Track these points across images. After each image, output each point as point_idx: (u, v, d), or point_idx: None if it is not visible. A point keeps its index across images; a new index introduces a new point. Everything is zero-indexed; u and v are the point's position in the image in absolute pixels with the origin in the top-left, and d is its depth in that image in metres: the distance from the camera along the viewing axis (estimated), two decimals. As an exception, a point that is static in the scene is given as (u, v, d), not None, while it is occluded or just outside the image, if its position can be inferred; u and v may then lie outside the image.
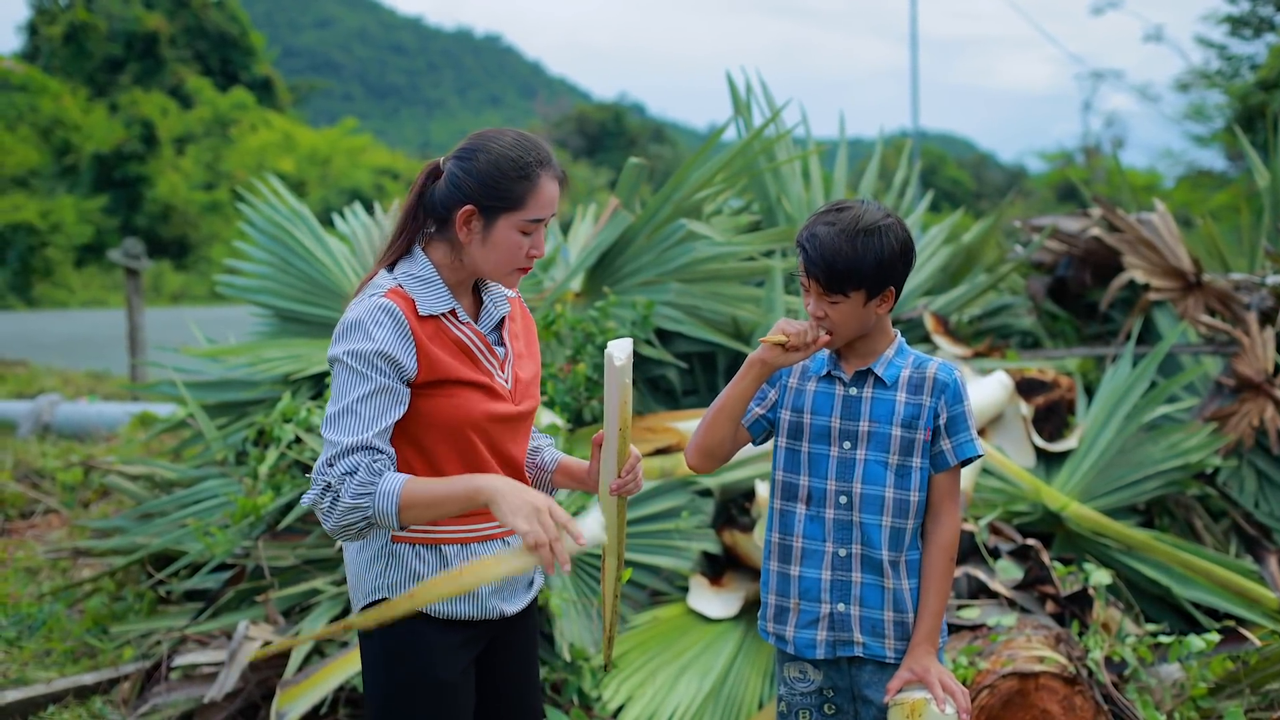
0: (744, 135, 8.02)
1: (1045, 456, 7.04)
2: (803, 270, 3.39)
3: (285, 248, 7.92)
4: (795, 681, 3.61)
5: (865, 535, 3.45)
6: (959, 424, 3.43)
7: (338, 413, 3.12)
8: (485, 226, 3.27)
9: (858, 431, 3.46)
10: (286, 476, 6.48)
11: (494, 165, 3.25)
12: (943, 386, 3.42)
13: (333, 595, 5.95)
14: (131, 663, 6.31)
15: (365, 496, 3.07)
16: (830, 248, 3.31)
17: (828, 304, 3.37)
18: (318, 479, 3.09)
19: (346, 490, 3.07)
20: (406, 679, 3.30)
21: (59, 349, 21.89)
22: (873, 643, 3.47)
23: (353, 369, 3.14)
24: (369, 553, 3.30)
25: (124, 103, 48.62)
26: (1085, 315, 9.04)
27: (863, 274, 3.32)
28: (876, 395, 3.45)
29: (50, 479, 9.94)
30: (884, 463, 3.43)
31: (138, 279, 16.09)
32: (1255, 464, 7.36)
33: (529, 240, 3.30)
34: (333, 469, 3.08)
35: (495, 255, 3.29)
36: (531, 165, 3.26)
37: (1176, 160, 41.32)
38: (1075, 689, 4.85)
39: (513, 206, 3.25)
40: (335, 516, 3.08)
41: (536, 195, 3.27)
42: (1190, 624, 6.36)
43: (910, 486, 3.43)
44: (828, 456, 3.50)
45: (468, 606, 3.34)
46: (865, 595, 3.46)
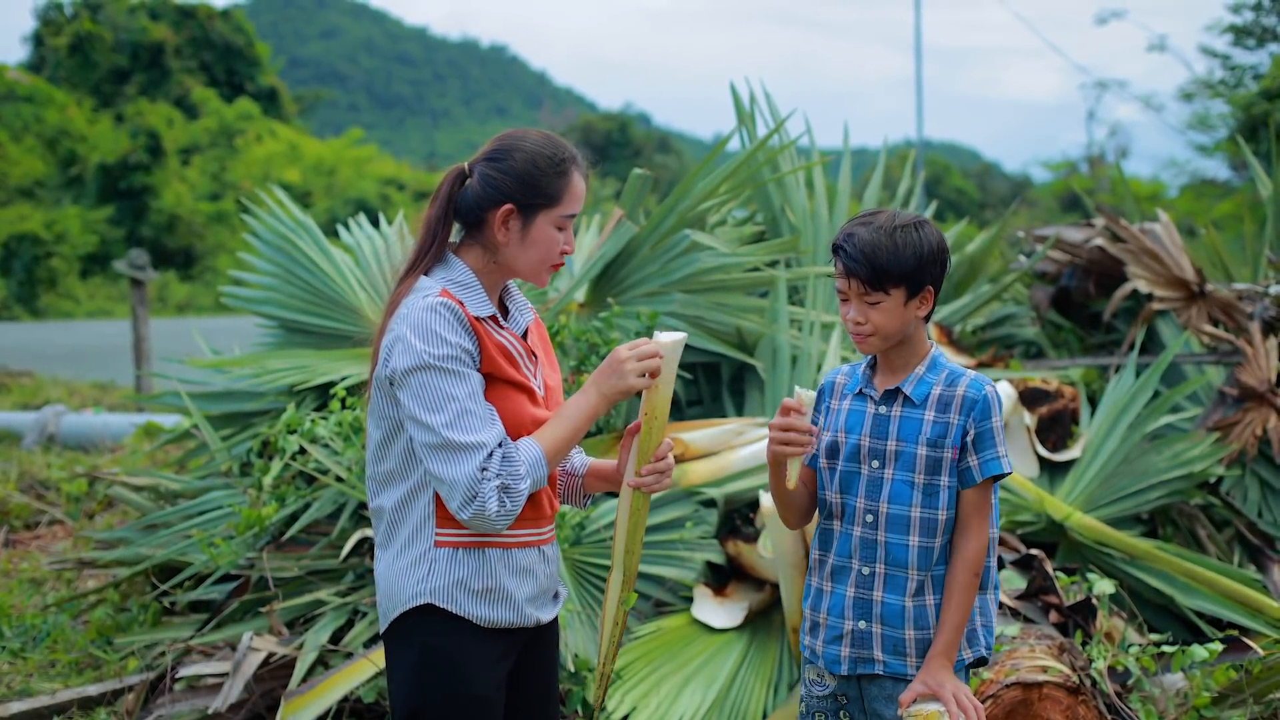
0: (748, 146, 8.03)
1: (1049, 466, 7.05)
2: (842, 273, 3.39)
3: (290, 259, 7.92)
4: (812, 685, 3.63)
5: (890, 554, 3.45)
6: (986, 440, 3.39)
7: (454, 417, 3.15)
8: (524, 224, 3.33)
9: (885, 451, 3.45)
10: (291, 488, 6.49)
11: (531, 163, 3.32)
12: (971, 403, 3.39)
13: (337, 606, 5.95)
14: (136, 674, 6.32)
15: (526, 478, 3.19)
16: (870, 243, 3.34)
17: (868, 306, 3.37)
18: (479, 487, 3.13)
19: (516, 484, 3.17)
20: (444, 693, 3.29)
21: (64, 359, 21.92)
22: (894, 661, 3.46)
23: (445, 370, 3.17)
24: (407, 559, 3.30)
25: (129, 113, 48.70)
26: (1089, 325, 9.04)
27: (904, 268, 3.34)
28: (905, 414, 3.44)
29: (55, 490, 9.95)
30: (910, 482, 3.42)
31: (143, 289, 16.10)
32: (1258, 473, 7.35)
33: (563, 236, 3.38)
34: (490, 472, 3.14)
35: (533, 253, 3.36)
36: (565, 161, 3.36)
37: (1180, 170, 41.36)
38: (1079, 699, 4.85)
39: (550, 203, 3.33)
40: (515, 510, 3.19)
41: (571, 190, 3.37)
42: (1194, 633, 6.35)
43: (938, 505, 3.41)
44: (859, 475, 3.50)
45: (510, 614, 3.35)
46: (886, 614, 3.45)
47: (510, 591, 3.34)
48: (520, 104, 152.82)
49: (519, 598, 3.36)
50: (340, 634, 5.92)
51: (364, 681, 5.44)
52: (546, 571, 3.47)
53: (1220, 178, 36.39)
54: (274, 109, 56.61)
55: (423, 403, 3.16)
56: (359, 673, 5.44)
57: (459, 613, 3.28)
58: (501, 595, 3.32)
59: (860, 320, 3.39)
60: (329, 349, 7.61)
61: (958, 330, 8.40)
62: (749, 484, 6.23)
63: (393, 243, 8.17)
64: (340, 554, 6.11)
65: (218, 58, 55.61)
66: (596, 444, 6.34)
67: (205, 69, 55.18)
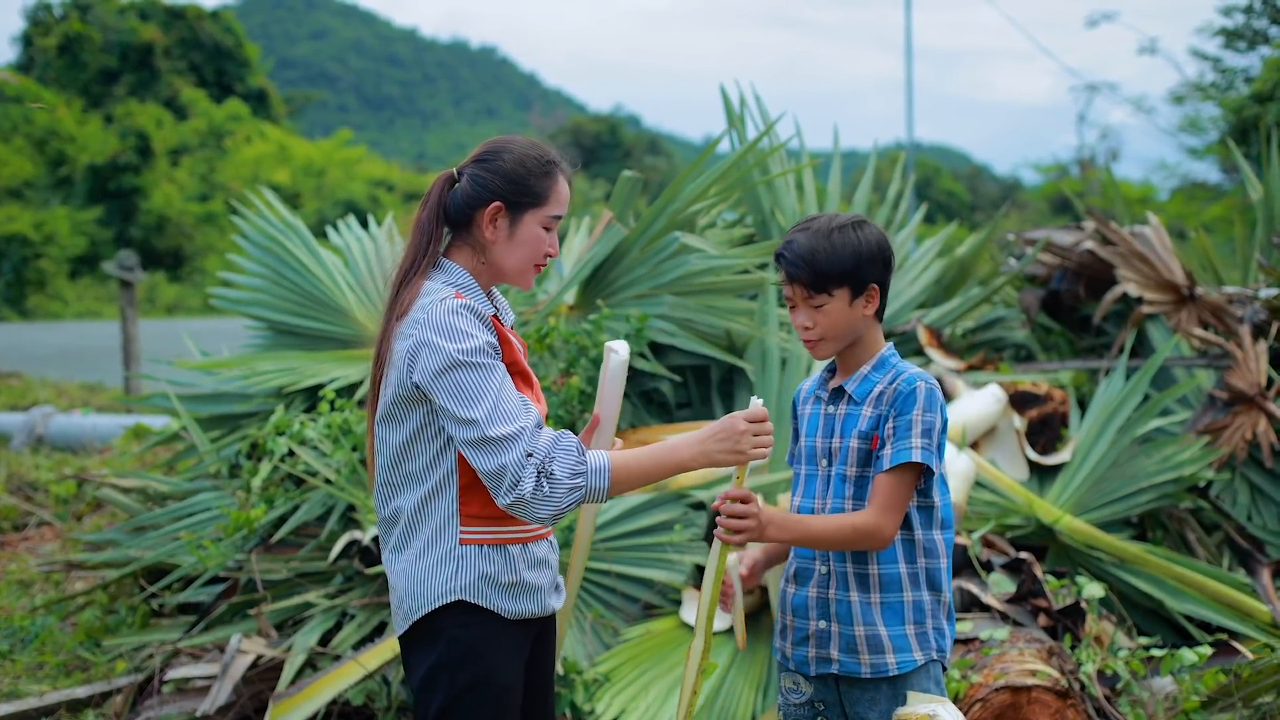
0: (738, 148, 8.03)
1: (1038, 470, 7.05)
2: (785, 281, 3.45)
3: (279, 260, 7.92)
4: (789, 692, 3.65)
5: (838, 552, 3.48)
6: (902, 431, 3.41)
7: (491, 408, 3.20)
8: (511, 223, 3.41)
9: (831, 448, 3.51)
10: (280, 490, 6.48)
11: (519, 163, 3.41)
12: (897, 395, 3.43)
13: (326, 608, 5.95)
14: (124, 676, 6.31)
15: (580, 475, 3.21)
16: (809, 247, 3.39)
17: (813, 309, 3.43)
18: (522, 472, 3.16)
19: (561, 470, 3.19)
20: (472, 682, 3.35)
21: (53, 361, 21.87)
22: (847, 660, 3.50)
23: (475, 365, 3.22)
24: (432, 558, 3.34)
25: (119, 114, 48.62)
26: (1079, 328, 9.04)
27: (843, 267, 3.39)
28: (848, 412, 3.51)
29: (44, 491, 9.93)
30: (844, 475, 3.47)
31: (132, 290, 16.07)
32: (1248, 477, 7.36)
33: (549, 237, 3.46)
34: (534, 457, 3.18)
35: (520, 252, 3.43)
36: (552, 163, 3.45)
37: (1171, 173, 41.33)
38: (1068, 702, 4.86)
39: (537, 202, 3.42)
40: (555, 500, 3.20)
41: (557, 191, 3.46)
42: (1183, 637, 6.36)
43: (866, 497, 3.45)
44: (815, 476, 3.55)
45: (533, 605, 3.44)
46: (840, 612, 3.50)
47: (531, 583, 3.43)
48: (510, 105, 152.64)
49: (540, 588, 3.46)
50: (329, 636, 5.92)
51: (353, 684, 5.44)
52: (554, 560, 3.57)
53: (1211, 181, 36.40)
54: (263, 110, 56.52)
55: (460, 399, 3.21)
56: (347, 675, 5.44)
57: (488, 607, 3.35)
58: (525, 588, 3.41)
59: (808, 325, 3.46)
60: (318, 351, 7.61)
61: (947, 333, 8.40)
62: (738, 487, 6.22)
63: (382, 245, 8.16)
64: (329, 556, 6.10)
65: (207, 59, 55.51)
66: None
67: (194, 70, 55.08)
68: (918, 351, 7.80)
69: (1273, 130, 10.51)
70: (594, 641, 5.79)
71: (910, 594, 3.48)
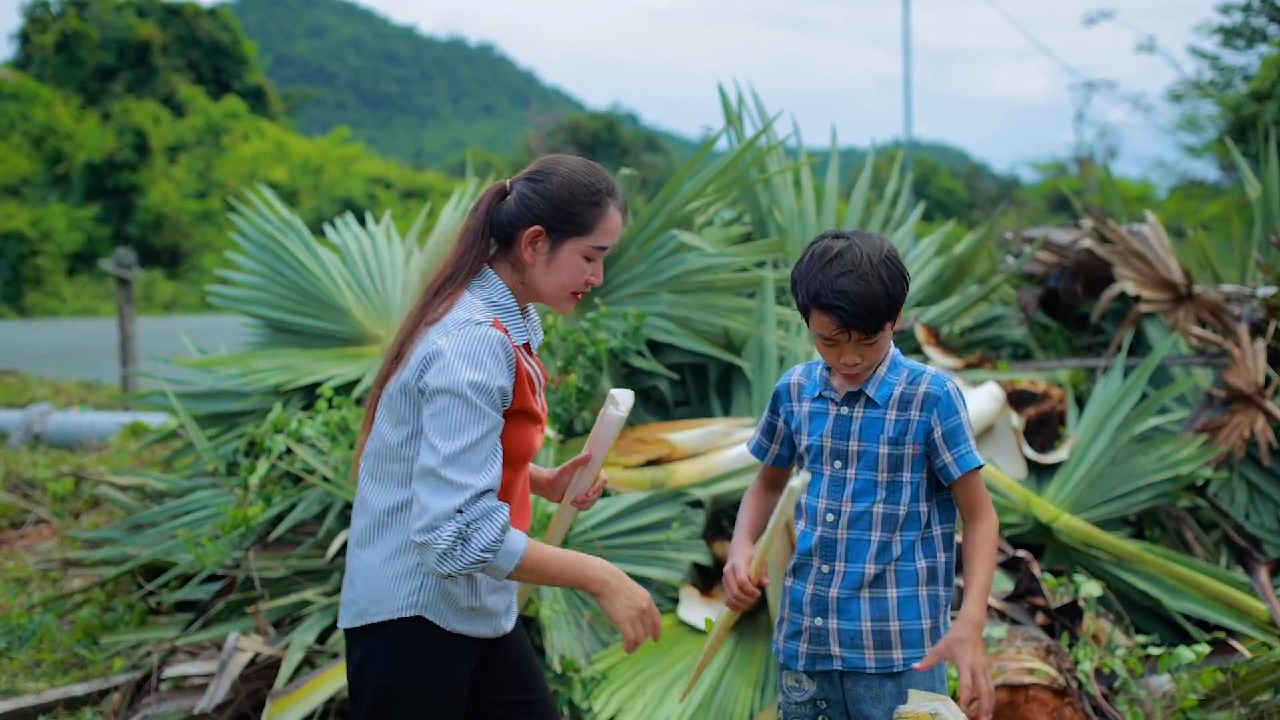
0: (736, 146, 8.03)
1: (1036, 468, 7.05)
2: (838, 328, 3.34)
3: (276, 258, 7.92)
4: (790, 691, 3.65)
5: (850, 551, 3.48)
6: (957, 436, 3.43)
7: (459, 451, 3.16)
8: (551, 248, 3.35)
9: (848, 451, 3.48)
10: (277, 487, 6.48)
11: (566, 188, 3.33)
12: (934, 400, 3.42)
13: (324, 606, 5.94)
14: (122, 674, 6.31)
15: (491, 552, 3.15)
16: (867, 295, 3.30)
17: (865, 347, 3.39)
18: (446, 524, 3.11)
19: (478, 540, 3.13)
20: (421, 683, 3.35)
21: (50, 358, 21.86)
22: (851, 655, 3.50)
23: (473, 404, 3.18)
24: (399, 568, 3.32)
25: (116, 111, 48.59)
26: (1076, 327, 9.05)
27: (899, 302, 3.36)
28: (867, 415, 3.47)
29: (41, 489, 9.92)
30: (874, 480, 3.46)
31: (129, 288, 16.07)
32: (1246, 476, 7.36)
33: (590, 267, 3.38)
34: (463, 515, 3.12)
35: (557, 278, 3.37)
36: (602, 193, 3.35)
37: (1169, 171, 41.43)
38: (1065, 701, 4.86)
39: (580, 231, 3.34)
40: (457, 561, 3.14)
41: (603, 222, 3.36)
42: (1180, 635, 6.36)
43: (900, 501, 3.46)
44: (821, 475, 3.53)
45: (488, 628, 3.45)
46: (843, 608, 3.49)
47: (490, 608, 3.42)
48: (508, 103, 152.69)
49: (498, 612, 3.46)
50: (326, 634, 5.91)
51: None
52: (514, 585, 3.56)
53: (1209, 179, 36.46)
54: (261, 107, 56.51)
55: (437, 427, 3.18)
56: (345, 673, 5.43)
57: (445, 627, 3.34)
58: (483, 612, 3.40)
59: (857, 360, 3.40)
60: (315, 349, 7.61)
61: (945, 331, 8.39)
62: (736, 485, 6.23)
63: (380, 243, 8.16)
64: (326, 554, 6.10)
65: (204, 56, 55.50)
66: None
67: (192, 67, 55.07)
68: (916, 349, 7.80)
69: (1271, 128, 10.53)
70: (591, 639, 5.78)
71: (926, 589, 3.49)
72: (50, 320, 37.86)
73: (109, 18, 53.03)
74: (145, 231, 45.56)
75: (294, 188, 48.06)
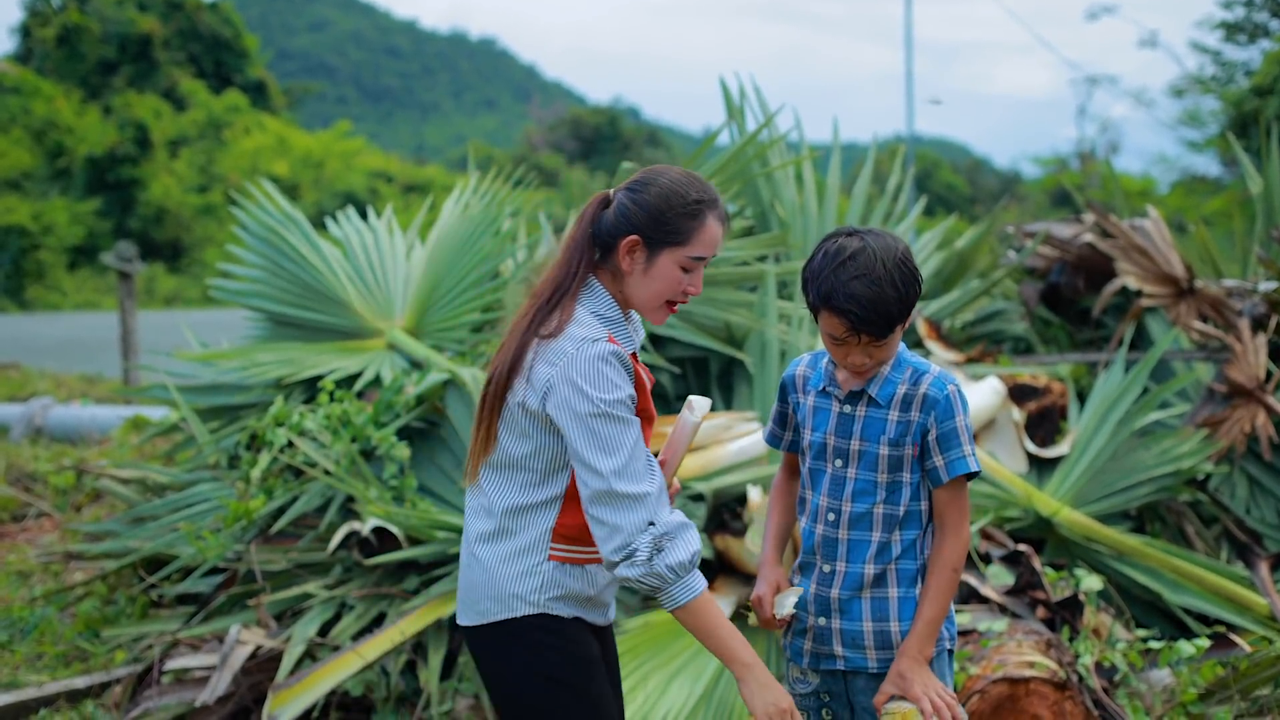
0: (738, 140, 8.03)
1: (1037, 462, 7.05)
2: (847, 330, 3.31)
3: (278, 251, 7.92)
4: (796, 683, 3.65)
5: (851, 551, 3.48)
6: (951, 440, 3.40)
7: (624, 464, 3.23)
8: (648, 258, 3.37)
9: (849, 450, 3.47)
10: (279, 480, 6.48)
11: (663, 199, 3.34)
12: (933, 403, 3.39)
13: (325, 599, 5.95)
14: (123, 666, 6.32)
15: (675, 575, 3.24)
16: (879, 299, 3.27)
17: (874, 349, 3.36)
18: (640, 537, 3.21)
19: (670, 556, 3.23)
20: (561, 663, 3.41)
21: (52, 352, 21.87)
22: (853, 655, 3.50)
23: (616, 417, 3.25)
24: (520, 565, 3.39)
25: (117, 105, 48.54)
26: (1078, 321, 9.05)
27: (910, 305, 3.33)
28: (870, 415, 3.45)
29: (42, 482, 9.93)
30: (874, 481, 3.45)
31: (130, 282, 16.08)
32: (1247, 470, 7.37)
33: (688, 278, 3.39)
34: (656, 527, 3.22)
35: (653, 288, 3.39)
36: (700, 204, 3.36)
37: (1171, 166, 41.41)
38: (1065, 694, 4.87)
39: (677, 242, 3.35)
40: (642, 568, 3.22)
41: (701, 234, 3.37)
42: (1181, 629, 6.37)
43: (900, 501, 3.44)
44: (823, 473, 3.52)
45: (602, 618, 3.54)
46: (845, 608, 3.49)
47: (604, 600, 3.52)
48: (509, 97, 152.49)
49: (608, 603, 3.56)
50: (328, 627, 5.92)
51: (352, 675, 5.45)
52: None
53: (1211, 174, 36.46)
54: (262, 101, 56.47)
55: (594, 447, 3.23)
56: (346, 666, 5.44)
57: (565, 616, 3.42)
58: (598, 602, 3.50)
59: (866, 361, 3.37)
60: (317, 342, 7.62)
61: (946, 325, 8.40)
62: (737, 479, 6.23)
63: (381, 236, 8.16)
64: (328, 547, 6.11)
65: (206, 50, 55.45)
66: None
67: (193, 61, 55.02)
68: (917, 344, 7.81)
69: (1273, 124, 10.52)
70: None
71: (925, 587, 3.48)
72: (51, 314, 37.86)
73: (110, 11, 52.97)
74: (146, 225, 45.55)
75: (295, 182, 48.04)
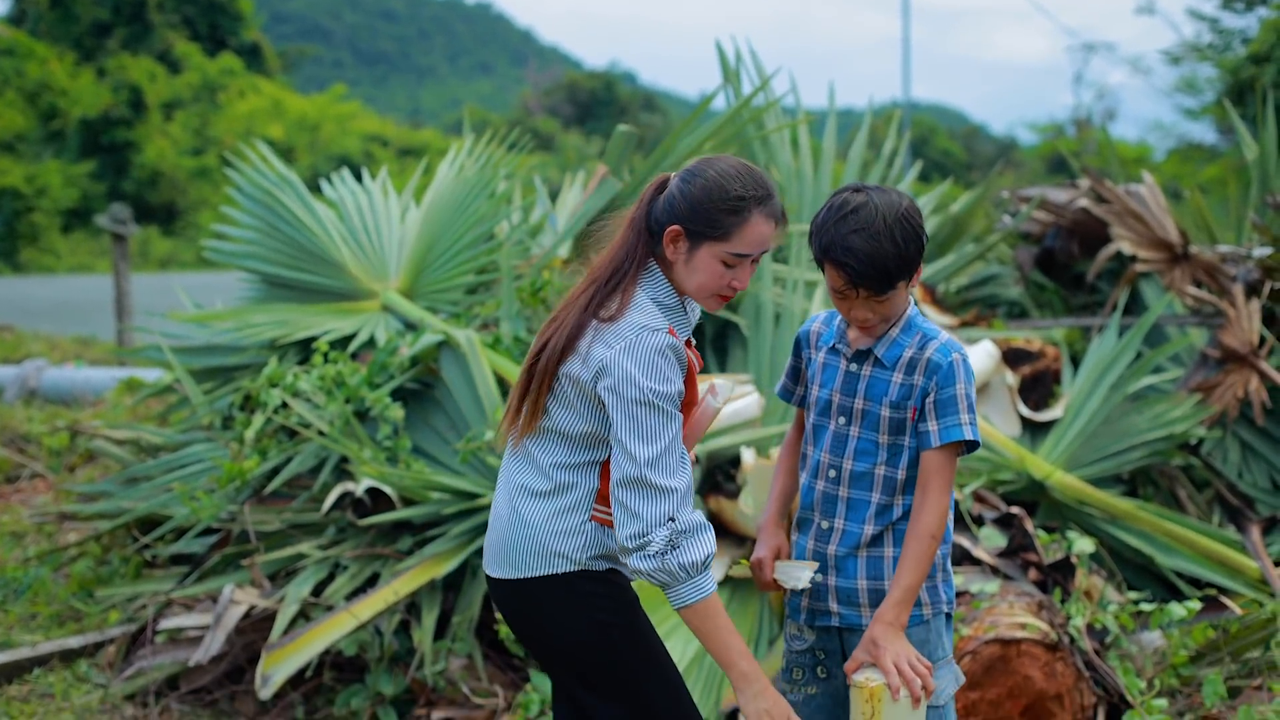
0: (733, 104, 8.02)
1: (1030, 426, 7.07)
2: (846, 284, 3.32)
3: (273, 213, 7.91)
4: (792, 639, 3.66)
5: (850, 509, 3.47)
6: (949, 406, 3.37)
7: (658, 455, 3.25)
8: (689, 250, 3.34)
9: (852, 409, 3.47)
10: (273, 441, 6.48)
11: (706, 192, 3.31)
12: (935, 368, 3.38)
13: (318, 559, 5.96)
14: (117, 626, 6.33)
15: (687, 574, 3.27)
16: (876, 253, 3.26)
17: (877, 304, 3.35)
18: (658, 530, 3.24)
19: (684, 555, 3.26)
20: (615, 599, 3.47)
21: (45, 314, 21.82)
22: (848, 612, 3.50)
23: (661, 409, 3.26)
24: (565, 524, 3.41)
25: (111, 67, 48.31)
26: (1072, 286, 9.06)
27: (912, 263, 3.31)
28: (875, 375, 3.45)
29: (36, 444, 9.92)
30: (875, 441, 3.44)
31: (124, 244, 16.03)
32: (1239, 435, 7.38)
33: (730, 272, 3.36)
34: (676, 523, 3.24)
35: (696, 279, 3.37)
36: (745, 200, 3.32)
37: (1167, 133, 41.35)
38: (1056, 655, 4.88)
39: (717, 236, 3.32)
40: (655, 561, 3.25)
41: (744, 231, 3.32)
42: (1172, 592, 6.39)
43: (900, 464, 3.44)
44: (825, 429, 3.53)
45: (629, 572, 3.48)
46: (841, 565, 3.50)
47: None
48: (505, 62, 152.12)
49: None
50: (321, 587, 5.93)
51: (345, 635, 5.45)
52: None
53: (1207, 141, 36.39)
54: (257, 64, 56.22)
55: (635, 434, 3.25)
56: (340, 626, 5.45)
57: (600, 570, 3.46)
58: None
59: (868, 316, 3.37)
60: (311, 303, 7.61)
61: (941, 289, 8.40)
62: (730, 441, 6.24)
63: (376, 198, 8.15)
64: (322, 508, 6.11)
65: (200, 12, 55.17)
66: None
67: (188, 23, 54.74)
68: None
69: (1269, 91, 10.51)
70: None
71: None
72: (45, 276, 37.77)
73: (104, -27, 52.75)
74: (141, 188, 45.40)
75: (290, 145, 47.86)
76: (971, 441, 3.40)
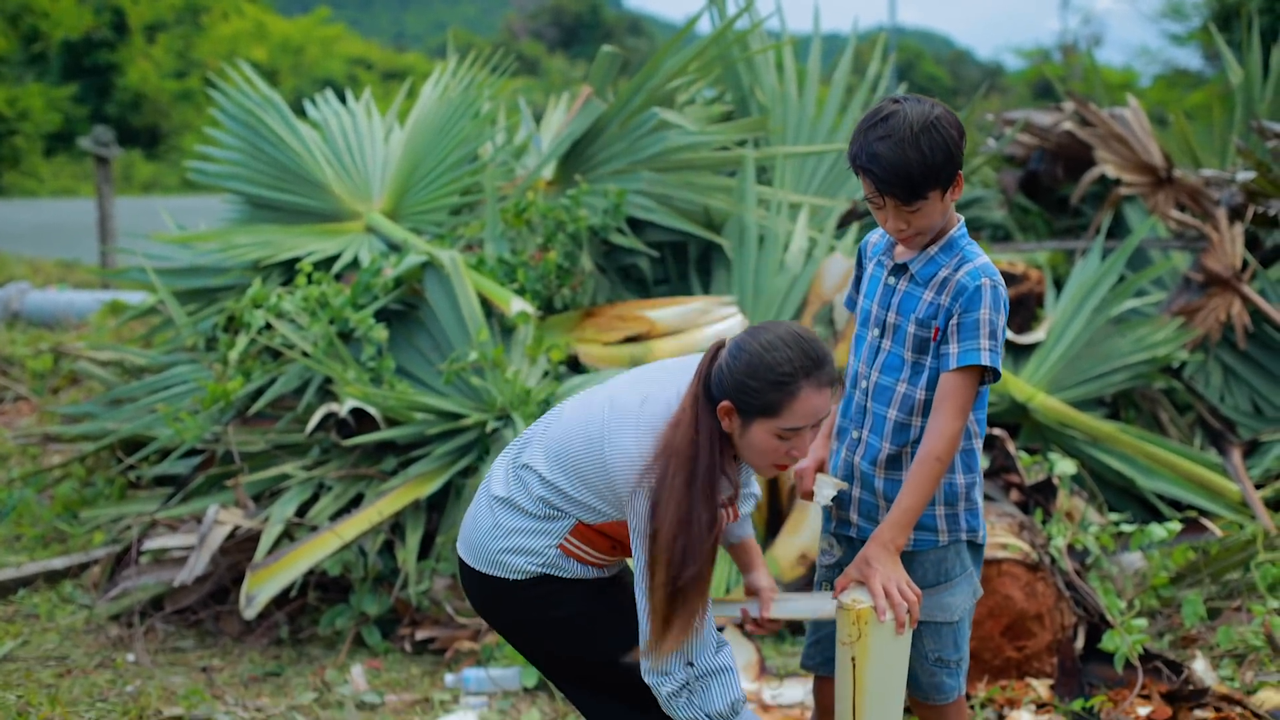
0: (718, 26, 7.98)
1: (1013, 348, 7.07)
2: (874, 192, 3.27)
3: (256, 134, 7.89)
4: (822, 554, 3.65)
5: (873, 422, 3.44)
6: (970, 330, 3.29)
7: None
8: (742, 425, 3.19)
9: (885, 321, 3.42)
10: (256, 362, 6.48)
11: (749, 369, 3.15)
12: (961, 289, 3.30)
13: (303, 480, 5.97)
14: (101, 547, 6.35)
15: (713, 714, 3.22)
16: (900, 160, 3.20)
17: (908, 214, 3.28)
18: (674, 674, 3.20)
19: (708, 702, 3.22)
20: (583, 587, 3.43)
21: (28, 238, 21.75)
22: (866, 526, 3.46)
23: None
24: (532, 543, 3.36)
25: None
26: (1056, 209, 9.06)
27: (939, 172, 3.23)
28: (908, 290, 3.39)
29: (20, 366, 9.91)
30: (902, 357, 3.39)
31: (108, 167, 15.96)
32: (1221, 359, 7.41)
33: (787, 444, 3.21)
34: (693, 668, 3.20)
35: (751, 454, 3.25)
36: (792, 375, 3.14)
37: (1153, 59, 41.20)
38: (1037, 575, 4.91)
39: (766, 414, 3.16)
40: (680, 707, 3.22)
41: (793, 406, 3.15)
42: (1153, 514, 6.43)
43: (919, 384, 3.36)
44: (863, 340, 3.49)
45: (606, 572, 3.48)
46: (864, 479, 3.46)
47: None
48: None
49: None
50: (306, 507, 5.94)
51: (329, 555, 5.47)
52: None
53: (1193, 68, 36.28)
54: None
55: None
56: (324, 546, 5.47)
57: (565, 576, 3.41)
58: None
59: (903, 227, 3.31)
60: (295, 225, 7.60)
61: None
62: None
63: (360, 119, 8.12)
64: (306, 428, 6.12)
65: (183, -67, 54.74)
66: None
67: (170, -56, 54.33)
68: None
69: (1255, 16, 10.47)
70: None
71: (944, 476, 3.41)
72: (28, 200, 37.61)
73: (85, -108, 52.20)
74: (124, 111, 45.09)
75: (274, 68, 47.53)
76: (993, 370, 3.32)
